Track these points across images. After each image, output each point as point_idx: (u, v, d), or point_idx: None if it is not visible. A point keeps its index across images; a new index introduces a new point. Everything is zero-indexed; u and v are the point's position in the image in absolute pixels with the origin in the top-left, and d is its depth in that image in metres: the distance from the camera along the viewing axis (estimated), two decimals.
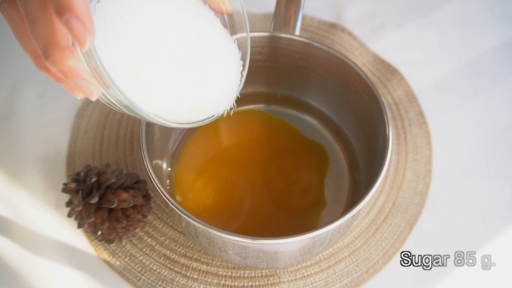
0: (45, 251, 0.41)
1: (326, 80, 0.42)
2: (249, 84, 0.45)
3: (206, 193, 0.42)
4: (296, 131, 0.46)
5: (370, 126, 0.39)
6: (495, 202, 0.45)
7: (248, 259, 0.35)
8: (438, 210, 0.44)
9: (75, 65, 0.23)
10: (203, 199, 0.42)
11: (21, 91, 0.51)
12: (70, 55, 0.23)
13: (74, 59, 0.23)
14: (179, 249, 0.42)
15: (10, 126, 0.49)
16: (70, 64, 0.23)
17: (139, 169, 0.46)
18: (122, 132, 0.48)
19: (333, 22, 0.56)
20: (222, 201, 0.42)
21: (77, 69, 0.23)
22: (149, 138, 0.36)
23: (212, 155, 0.45)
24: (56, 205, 0.44)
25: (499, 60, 0.54)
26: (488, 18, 0.57)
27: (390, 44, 0.55)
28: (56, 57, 0.23)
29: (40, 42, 0.23)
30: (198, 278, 0.40)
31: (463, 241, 0.42)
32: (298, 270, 0.41)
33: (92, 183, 0.39)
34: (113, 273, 0.41)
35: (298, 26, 0.41)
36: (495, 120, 0.50)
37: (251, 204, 0.42)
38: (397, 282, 0.41)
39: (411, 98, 0.51)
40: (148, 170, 0.33)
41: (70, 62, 0.23)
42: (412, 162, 0.46)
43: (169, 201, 0.32)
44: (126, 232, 0.40)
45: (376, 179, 0.33)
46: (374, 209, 0.44)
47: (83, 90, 0.24)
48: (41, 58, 0.25)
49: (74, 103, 0.50)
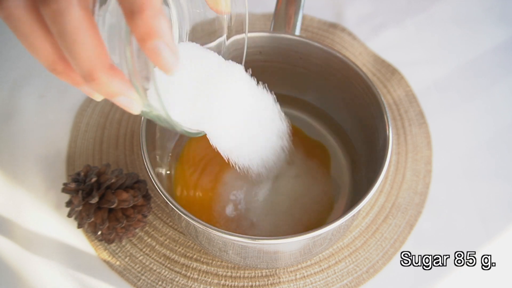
0: (45, 251, 0.41)
1: (326, 80, 0.42)
2: None
3: (206, 193, 0.42)
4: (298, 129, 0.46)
5: (370, 126, 0.39)
6: (495, 202, 0.45)
7: (248, 259, 0.35)
8: (438, 210, 0.44)
9: (121, 86, 0.23)
10: (203, 199, 0.42)
11: (21, 91, 0.51)
12: (117, 76, 0.22)
13: (121, 80, 0.23)
14: (179, 249, 0.42)
15: (10, 126, 0.49)
16: (117, 85, 0.22)
17: (139, 169, 0.46)
18: (122, 132, 0.48)
19: (333, 22, 0.56)
20: (222, 201, 0.42)
21: (123, 89, 0.23)
22: (149, 138, 0.36)
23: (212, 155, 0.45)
24: (56, 205, 0.44)
25: (499, 60, 0.54)
26: (488, 18, 0.57)
27: (390, 44, 0.55)
28: (103, 80, 0.22)
29: (83, 65, 0.22)
30: (198, 278, 0.40)
31: (463, 241, 0.42)
32: (298, 270, 0.41)
33: (92, 183, 0.39)
34: (113, 273, 0.41)
35: (298, 26, 0.41)
36: (495, 120, 0.50)
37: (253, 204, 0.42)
38: (397, 282, 0.41)
39: (411, 98, 0.51)
40: (148, 170, 0.33)
41: (117, 83, 0.22)
42: (412, 162, 0.46)
43: (169, 201, 0.32)
44: (126, 232, 0.40)
45: (376, 179, 0.33)
46: (374, 209, 0.44)
47: (126, 106, 0.24)
48: (57, 65, 0.24)
49: (74, 103, 0.50)
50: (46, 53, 0.23)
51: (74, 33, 0.21)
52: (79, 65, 0.22)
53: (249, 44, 0.41)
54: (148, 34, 0.21)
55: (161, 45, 0.21)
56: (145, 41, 0.21)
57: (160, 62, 0.21)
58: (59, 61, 0.23)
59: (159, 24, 0.21)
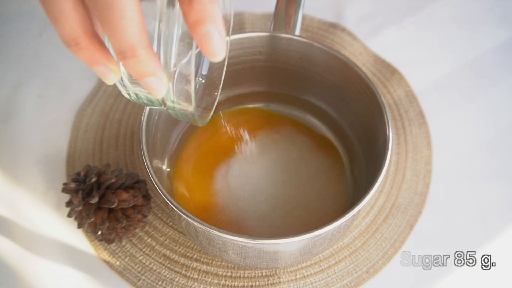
0: (45, 251, 0.41)
1: (326, 80, 0.42)
2: (249, 84, 0.46)
3: (207, 192, 0.42)
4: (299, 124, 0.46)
5: (370, 126, 0.39)
6: (495, 202, 0.45)
7: (248, 259, 0.35)
8: (438, 210, 0.44)
9: (157, 66, 0.22)
10: (204, 199, 0.42)
11: (21, 91, 0.51)
12: (156, 55, 0.22)
13: (157, 60, 0.22)
14: (179, 249, 0.42)
15: (10, 126, 0.49)
16: (155, 65, 0.22)
17: (139, 169, 0.46)
18: (122, 132, 0.48)
19: (333, 22, 0.56)
20: (222, 200, 0.42)
21: (157, 71, 0.22)
22: (149, 138, 0.36)
23: (213, 154, 0.45)
24: (56, 205, 0.44)
25: (499, 60, 0.54)
26: (488, 18, 0.57)
27: (390, 44, 0.55)
28: (143, 57, 0.21)
29: (127, 39, 0.21)
30: (198, 278, 0.40)
31: (463, 241, 0.42)
32: (298, 270, 0.41)
33: (92, 183, 0.39)
34: (113, 273, 0.41)
35: (298, 26, 0.41)
36: (495, 120, 0.50)
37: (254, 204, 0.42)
38: (397, 282, 0.41)
39: (411, 98, 0.51)
40: (148, 170, 0.33)
41: (155, 63, 0.22)
42: (412, 162, 0.46)
43: (169, 201, 0.32)
44: (126, 232, 0.40)
45: (376, 179, 0.33)
46: (374, 209, 0.44)
47: (154, 88, 0.23)
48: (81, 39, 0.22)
49: (74, 103, 0.50)
50: (73, 25, 0.22)
51: (122, 3, 0.20)
52: (121, 39, 0.21)
53: (249, 44, 0.41)
54: (203, 19, 0.21)
55: (215, 31, 0.21)
56: (199, 25, 0.21)
57: (209, 47, 0.21)
58: (85, 35, 0.22)
59: (214, 10, 0.21)
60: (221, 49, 0.21)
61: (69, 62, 0.53)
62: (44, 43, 0.54)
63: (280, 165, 0.44)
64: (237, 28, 0.55)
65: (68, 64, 0.53)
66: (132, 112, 0.49)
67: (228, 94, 0.46)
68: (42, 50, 0.54)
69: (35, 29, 0.55)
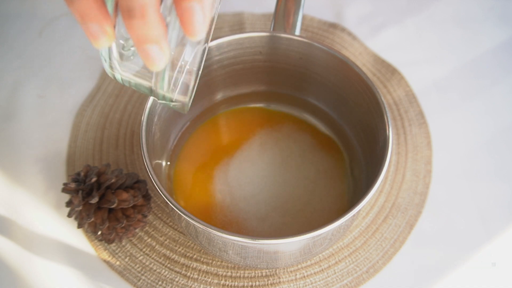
0: (45, 251, 0.41)
1: (326, 80, 0.42)
2: (249, 84, 0.46)
3: (207, 192, 0.42)
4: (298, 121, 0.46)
5: (370, 126, 0.39)
6: (495, 202, 0.45)
7: (248, 259, 0.35)
8: (438, 210, 0.44)
9: (162, 33, 0.21)
10: (204, 199, 0.42)
11: (21, 91, 0.51)
12: (163, 22, 0.21)
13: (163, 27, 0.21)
14: (179, 249, 0.42)
15: (10, 126, 0.49)
16: (161, 30, 0.21)
17: (139, 169, 0.46)
18: (122, 132, 0.48)
19: (333, 22, 0.56)
20: (222, 200, 0.42)
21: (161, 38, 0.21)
22: (149, 138, 0.36)
23: (213, 154, 0.45)
24: (56, 205, 0.44)
25: (499, 60, 0.54)
26: (488, 18, 0.57)
27: (390, 44, 0.55)
28: (152, 19, 0.20)
29: None
30: (198, 278, 0.40)
31: (463, 241, 0.42)
32: (298, 270, 0.41)
33: (92, 183, 0.39)
34: (113, 273, 0.41)
35: (298, 26, 0.41)
36: (495, 120, 0.50)
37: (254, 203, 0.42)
38: (397, 282, 0.41)
39: (411, 98, 0.51)
40: (148, 170, 0.34)
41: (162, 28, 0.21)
42: (412, 162, 0.46)
43: (169, 201, 0.32)
44: (126, 232, 0.40)
45: (376, 179, 0.33)
46: (374, 209, 0.44)
47: (155, 57, 0.22)
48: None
49: (74, 103, 0.50)
50: None
51: None
52: None
53: (249, 44, 0.41)
54: None
55: (198, 7, 0.20)
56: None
57: (189, 22, 0.20)
58: None
59: None
60: (200, 27, 0.20)
61: (69, 62, 0.53)
62: (44, 43, 0.54)
63: (280, 164, 0.44)
64: (237, 28, 0.55)
65: (68, 64, 0.53)
66: (132, 112, 0.49)
67: (228, 94, 0.46)
68: (42, 50, 0.54)
69: (35, 29, 0.55)
